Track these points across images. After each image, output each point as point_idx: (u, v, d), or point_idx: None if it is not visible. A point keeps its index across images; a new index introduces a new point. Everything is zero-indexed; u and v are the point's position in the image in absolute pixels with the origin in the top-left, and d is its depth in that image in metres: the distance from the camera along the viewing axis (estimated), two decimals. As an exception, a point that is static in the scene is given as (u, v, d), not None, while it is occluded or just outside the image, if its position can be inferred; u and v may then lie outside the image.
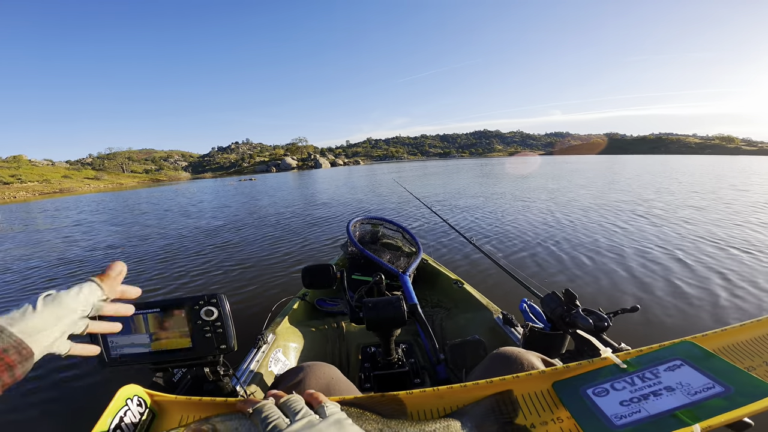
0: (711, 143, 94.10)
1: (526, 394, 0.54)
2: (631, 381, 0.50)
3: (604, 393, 0.50)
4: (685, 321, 2.57)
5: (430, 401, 0.55)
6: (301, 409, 0.46)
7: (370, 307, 1.12)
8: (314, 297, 2.10)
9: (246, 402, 0.49)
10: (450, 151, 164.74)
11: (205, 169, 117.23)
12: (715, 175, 15.72)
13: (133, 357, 0.68)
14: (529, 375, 0.56)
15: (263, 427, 0.43)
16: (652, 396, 0.46)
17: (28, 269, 5.19)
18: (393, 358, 1.27)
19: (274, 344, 1.47)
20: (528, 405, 0.53)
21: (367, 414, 0.52)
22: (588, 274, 3.57)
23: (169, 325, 0.68)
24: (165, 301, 0.69)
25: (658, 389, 0.47)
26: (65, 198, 29.05)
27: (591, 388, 0.51)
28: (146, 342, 0.67)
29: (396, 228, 2.44)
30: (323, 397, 0.50)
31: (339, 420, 0.45)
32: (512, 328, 1.48)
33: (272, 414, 0.45)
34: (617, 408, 0.47)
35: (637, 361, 0.53)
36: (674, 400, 0.45)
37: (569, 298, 1.16)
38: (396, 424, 0.51)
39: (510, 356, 0.76)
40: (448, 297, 2.11)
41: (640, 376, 0.50)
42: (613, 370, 0.53)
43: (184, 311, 0.68)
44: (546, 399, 0.54)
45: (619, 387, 0.50)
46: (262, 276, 4.03)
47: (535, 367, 0.73)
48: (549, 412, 0.52)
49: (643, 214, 6.54)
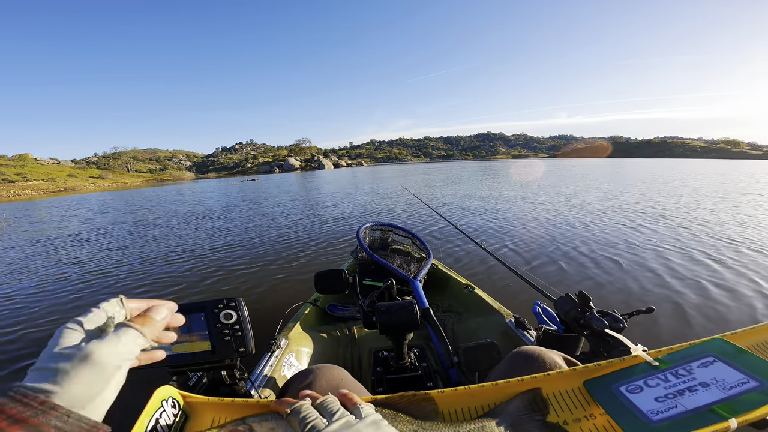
0: (716, 147, 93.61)
1: (557, 392, 0.55)
2: (664, 378, 0.50)
3: (637, 390, 0.50)
4: (704, 322, 2.57)
5: (461, 400, 0.55)
6: (338, 410, 0.46)
7: (383, 311, 1.12)
8: (325, 302, 2.11)
9: (282, 403, 0.49)
10: (453, 154, 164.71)
11: (209, 169, 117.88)
12: (730, 179, 15.63)
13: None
14: (560, 373, 0.56)
15: (302, 427, 0.43)
16: (688, 392, 0.47)
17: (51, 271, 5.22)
18: (405, 362, 1.28)
19: (287, 349, 1.48)
20: (560, 402, 0.53)
21: (401, 415, 0.51)
22: (601, 276, 3.56)
23: (189, 328, 0.68)
24: (186, 304, 0.69)
25: (693, 385, 0.47)
26: (72, 196, 29.27)
27: (624, 386, 0.51)
28: (167, 345, 0.68)
29: (405, 233, 2.44)
30: (358, 398, 0.50)
31: (376, 421, 0.45)
32: (525, 331, 1.48)
33: (310, 414, 0.45)
34: (653, 404, 0.47)
35: (669, 359, 0.53)
36: (710, 395, 0.45)
37: (583, 300, 1.15)
38: (430, 425, 0.50)
39: (532, 355, 0.76)
40: (459, 302, 2.11)
41: (674, 372, 0.50)
42: (645, 367, 0.53)
43: (204, 314, 0.69)
44: (578, 396, 0.54)
45: (652, 384, 0.50)
46: (273, 281, 4.04)
47: (558, 365, 0.73)
48: (581, 409, 0.52)
49: (657, 216, 6.51)
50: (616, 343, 1.07)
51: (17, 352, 2.66)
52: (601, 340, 1.10)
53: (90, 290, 4.07)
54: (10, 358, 2.59)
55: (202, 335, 0.69)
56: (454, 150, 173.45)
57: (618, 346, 1.06)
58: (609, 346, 1.08)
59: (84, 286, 4.19)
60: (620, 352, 1.03)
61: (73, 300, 3.78)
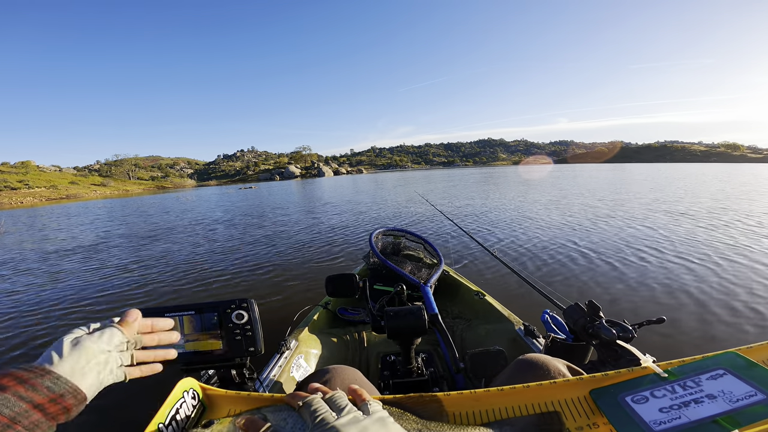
0: (716, 151, 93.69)
1: (562, 400, 0.55)
2: (671, 389, 0.50)
3: (643, 400, 0.50)
4: (713, 333, 2.55)
5: (466, 403, 0.56)
6: (346, 405, 0.48)
7: (392, 315, 1.14)
8: (335, 306, 2.13)
9: (294, 396, 0.51)
10: (454, 160, 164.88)
11: (210, 176, 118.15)
12: (740, 182, 15.53)
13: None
14: (566, 381, 0.57)
15: (312, 420, 0.45)
16: (693, 403, 0.47)
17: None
18: (413, 366, 1.28)
19: (296, 351, 1.50)
20: (564, 410, 0.54)
21: (407, 414, 0.52)
22: (612, 285, 3.54)
23: (202, 327, 0.71)
24: (199, 304, 0.72)
25: (700, 397, 0.47)
26: (74, 204, 29.30)
27: (630, 396, 0.51)
28: (181, 343, 0.70)
29: (417, 239, 2.45)
30: (366, 395, 0.52)
31: (382, 418, 0.46)
32: (534, 339, 1.48)
33: (320, 408, 0.47)
34: (656, 414, 0.47)
35: (679, 371, 0.53)
36: (715, 407, 0.45)
37: (593, 309, 1.16)
38: (436, 426, 0.51)
39: (536, 362, 0.77)
40: (469, 308, 2.11)
41: (682, 384, 0.50)
42: (653, 378, 0.53)
43: (217, 314, 0.71)
44: (582, 405, 0.54)
45: (659, 395, 0.50)
46: (283, 285, 4.06)
47: (561, 372, 0.74)
48: (585, 417, 0.52)
49: (668, 224, 6.48)
50: (625, 353, 1.08)
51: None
52: (610, 350, 1.10)
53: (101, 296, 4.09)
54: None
55: (214, 334, 0.71)
56: (454, 156, 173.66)
57: (626, 356, 1.07)
58: (617, 355, 1.08)
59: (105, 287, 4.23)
60: (628, 362, 1.04)
61: (99, 301, 3.81)
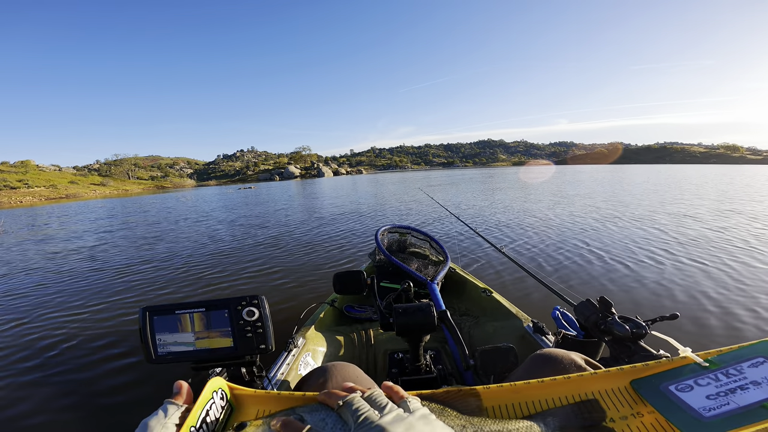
0: (716, 152, 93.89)
1: (602, 390, 0.55)
2: (715, 377, 0.51)
3: (688, 389, 0.51)
4: (725, 330, 2.54)
5: (505, 396, 0.56)
6: (387, 403, 0.46)
7: (401, 312, 1.13)
8: (343, 303, 2.12)
9: (330, 395, 0.50)
10: (454, 161, 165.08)
11: (209, 176, 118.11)
12: (745, 184, 15.55)
13: (177, 355, 0.70)
14: (607, 372, 0.57)
15: (355, 419, 0.44)
16: (739, 390, 0.48)
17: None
18: (421, 363, 1.27)
19: (303, 348, 1.50)
20: (605, 401, 0.54)
21: (447, 410, 0.51)
22: (623, 281, 3.53)
23: (212, 324, 0.70)
24: (210, 301, 0.71)
25: (744, 384, 0.48)
26: (74, 203, 29.28)
27: (673, 385, 0.52)
28: (191, 341, 0.69)
29: (423, 236, 2.44)
30: (404, 392, 0.51)
31: (425, 415, 0.45)
32: (543, 336, 1.48)
33: (363, 406, 0.45)
34: (704, 401, 0.48)
35: (719, 360, 0.54)
36: (762, 393, 0.46)
37: (605, 305, 1.15)
38: (478, 421, 0.50)
39: (552, 356, 0.76)
40: (477, 305, 2.11)
41: (724, 372, 0.51)
42: (694, 368, 0.54)
43: (227, 311, 0.70)
44: (624, 395, 0.54)
45: (703, 383, 0.51)
46: (287, 282, 4.06)
47: (579, 365, 0.73)
48: (628, 407, 0.52)
49: (679, 222, 6.48)
50: (638, 349, 1.07)
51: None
52: (623, 346, 1.09)
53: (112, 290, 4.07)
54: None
55: (224, 332, 0.70)
56: (454, 157, 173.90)
57: (640, 352, 1.06)
58: (631, 352, 1.07)
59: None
60: (642, 358, 1.03)
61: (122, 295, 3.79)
